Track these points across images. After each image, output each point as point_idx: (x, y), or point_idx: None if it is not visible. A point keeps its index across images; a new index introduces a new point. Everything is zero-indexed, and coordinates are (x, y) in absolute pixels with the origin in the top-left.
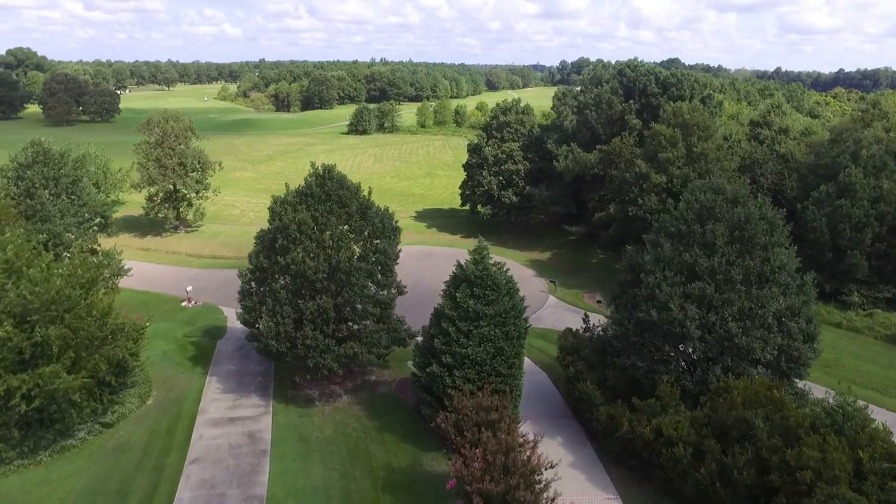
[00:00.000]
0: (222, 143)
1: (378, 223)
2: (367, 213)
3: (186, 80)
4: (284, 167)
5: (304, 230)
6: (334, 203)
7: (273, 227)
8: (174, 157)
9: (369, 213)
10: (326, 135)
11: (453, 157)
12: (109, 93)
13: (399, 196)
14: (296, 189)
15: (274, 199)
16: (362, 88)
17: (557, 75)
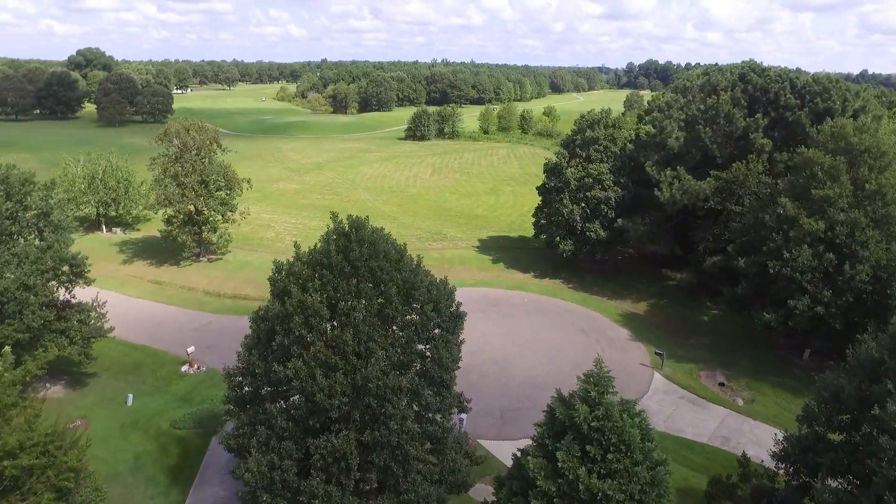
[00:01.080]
0: (270, 148)
1: (430, 310)
2: (415, 292)
3: (248, 79)
4: (333, 178)
5: (313, 324)
6: (363, 279)
7: (271, 313)
8: (194, 173)
9: (417, 293)
10: (382, 140)
11: (519, 170)
12: (162, 93)
13: (459, 218)
14: (308, 252)
15: (276, 267)
16: (422, 90)
17: (624, 78)
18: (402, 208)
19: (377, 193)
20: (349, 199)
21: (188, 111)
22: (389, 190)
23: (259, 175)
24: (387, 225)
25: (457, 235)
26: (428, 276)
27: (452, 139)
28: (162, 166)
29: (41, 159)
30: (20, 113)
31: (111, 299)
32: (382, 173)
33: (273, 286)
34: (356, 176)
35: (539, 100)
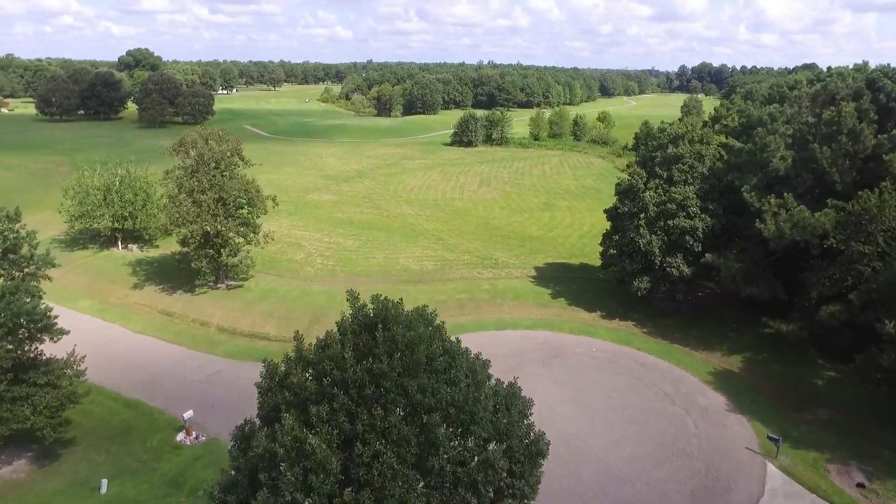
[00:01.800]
0: (310, 153)
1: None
2: (474, 427)
3: (293, 80)
4: (373, 188)
5: (314, 483)
6: (394, 405)
7: (254, 446)
8: (212, 190)
9: (479, 427)
10: (426, 146)
11: (574, 181)
12: (203, 94)
13: (511, 238)
14: (315, 347)
15: (266, 370)
16: (469, 93)
17: (675, 81)
18: (448, 226)
19: (420, 207)
20: (390, 213)
21: (230, 112)
22: (434, 203)
23: (294, 184)
24: (431, 246)
25: (509, 261)
26: (493, 389)
27: (501, 146)
28: (176, 181)
29: (73, 162)
30: (65, 113)
31: (112, 334)
32: (426, 184)
33: (260, 401)
34: (398, 186)
35: (589, 103)
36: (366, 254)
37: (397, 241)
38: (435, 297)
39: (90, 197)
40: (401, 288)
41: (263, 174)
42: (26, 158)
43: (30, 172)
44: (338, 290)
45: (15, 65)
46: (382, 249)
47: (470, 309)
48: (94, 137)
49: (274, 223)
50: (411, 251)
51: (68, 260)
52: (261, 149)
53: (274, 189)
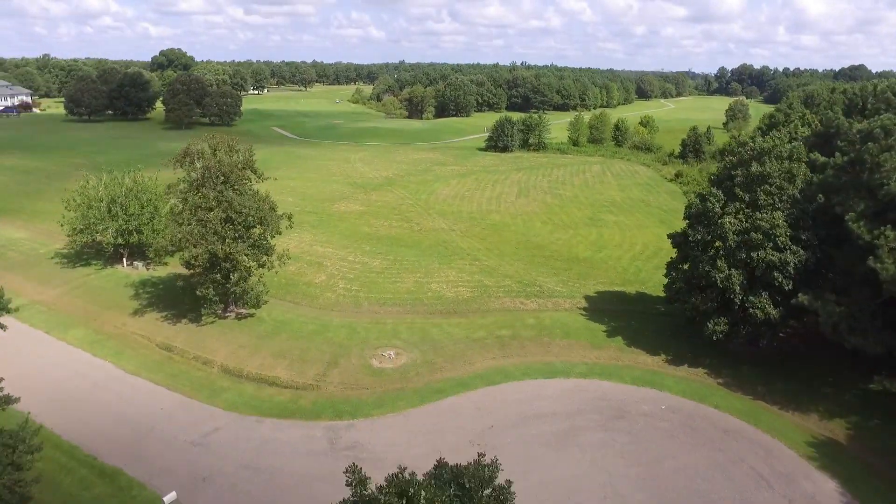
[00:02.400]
0: (338, 158)
1: None
2: None
3: (325, 80)
4: (404, 198)
5: None
6: None
7: None
8: (219, 207)
9: None
10: (460, 150)
11: (620, 192)
12: (231, 94)
13: (556, 260)
14: None
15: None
16: (503, 95)
17: (714, 83)
18: (485, 244)
19: (454, 220)
20: (421, 227)
21: (258, 113)
22: (469, 216)
23: (319, 192)
24: (467, 268)
25: (555, 289)
26: None
27: (538, 151)
28: (180, 196)
29: (94, 165)
30: (93, 114)
31: (100, 377)
32: (460, 193)
33: None
34: (430, 196)
35: (626, 106)
36: (394, 276)
37: (429, 262)
38: (473, 332)
39: (92, 210)
40: (432, 321)
41: (287, 181)
42: (48, 160)
43: (47, 175)
44: (361, 324)
45: (51, 65)
46: (413, 271)
47: (514, 349)
48: (119, 139)
49: (294, 238)
50: (445, 274)
51: (68, 278)
52: (286, 153)
53: (297, 198)
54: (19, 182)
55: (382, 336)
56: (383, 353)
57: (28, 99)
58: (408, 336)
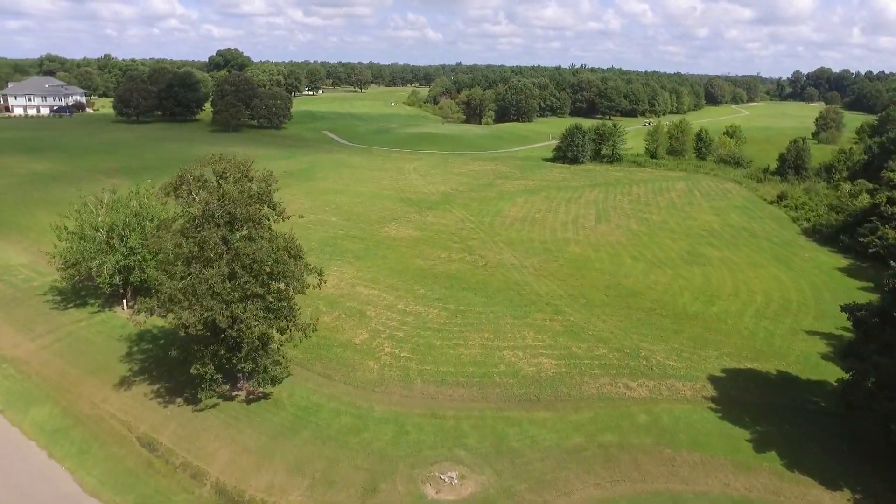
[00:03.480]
0: (391, 168)
1: None
2: None
3: (381, 82)
4: (464, 220)
5: None
6: None
7: None
8: (222, 260)
9: None
10: (524, 161)
11: (716, 217)
12: (280, 95)
13: (660, 315)
14: None
15: None
16: (567, 99)
17: (788, 88)
18: (567, 287)
19: (525, 253)
20: (487, 262)
21: (309, 115)
22: (542, 246)
23: (367, 211)
24: (548, 326)
25: (668, 363)
26: None
27: (612, 164)
28: (172, 242)
29: (128, 168)
30: (142, 114)
31: (46, 496)
32: (530, 214)
33: None
34: (495, 218)
35: (696, 112)
36: (455, 336)
37: (500, 313)
38: (566, 437)
39: (86, 243)
40: (509, 415)
41: (332, 196)
42: (80, 163)
43: (75, 180)
44: (412, 417)
45: (110, 65)
46: (479, 328)
47: (624, 467)
48: (161, 141)
49: (334, 273)
50: (521, 334)
51: (55, 324)
52: (334, 161)
53: (342, 218)
54: (42, 188)
55: (441, 440)
56: (441, 476)
57: (82, 99)
58: (476, 442)
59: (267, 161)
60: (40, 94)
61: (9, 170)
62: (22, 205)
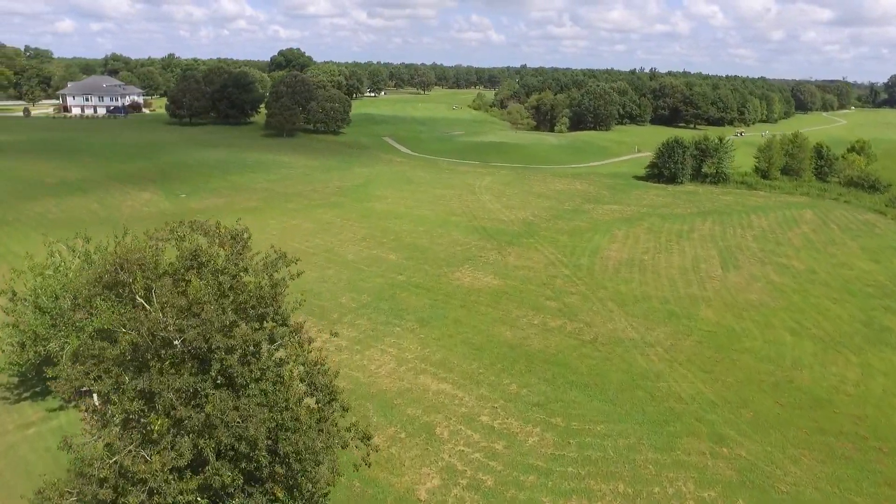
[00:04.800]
0: (459, 185)
1: None
2: None
3: (444, 83)
4: (555, 262)
5: None
6: None
7: None
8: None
9: None
10: (612, 179)
11: (876, 265)
12: (339, 98)
13: (875, 449)
14: None
15: None
16: (647, 105)
17: (883, 94)
18: (717, 386)
19: (644, 318)
20: (595, 332)
21: (369, 118)
22: (664, 309)
23: (435, 246)
24: (710, 470)
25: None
26: None
27: (717, 184)
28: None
29: (165, 181)
30: (194, 116)
31: None
32: (636, 256)
33: None
34: (593, 260)
35: (787, 121)
36: (574, 489)
37: (633, 441)
38: None
39: (39, 317)
40: None
41: (392, 221)
42: (105, 168)
43: (95, 187)
44: None
45: (173, 64)
46: (607, 472)
47: None
48: (206, 146)
49: (391, 349)
50: (674, 488)
51: None
52: (395, 174)
53: (403, 255)
54: (56, 200)
55: None
56: None
57: (139, 99)
58: None
59: (319, 174)
60: (97, 94)
61: (39, 179)
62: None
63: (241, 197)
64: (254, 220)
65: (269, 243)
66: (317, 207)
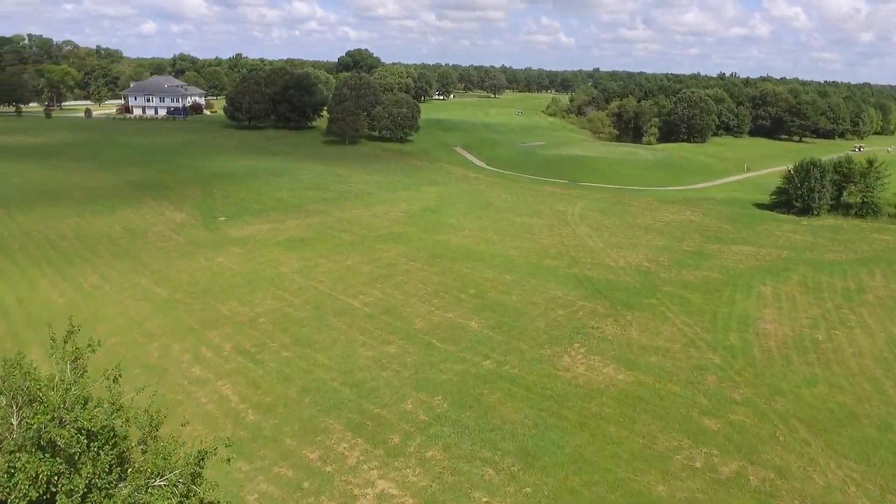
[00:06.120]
0: (547, 212)
1: None
2: None
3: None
4: (695, 338)
5: None
6: None
7: None
8: None
9: None
10: (730, 207)
11: None
12: (407, 102)
13: None
14: None
15: None
16: (746, 115)
17: None
18: None
19: (872, 469)
20: (800, 495)
21: (438, 125)
22: (890, 443)
23: (529, 309)
24: None
25: None
26: None
27: (863, 218)
28: None
29: (204, 203)
30: (253, 119)
31: None
32: (806, 333)
33: None
34: (747, 339)
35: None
36: None
37: None
38: None
39: None
40: None
41: (470, 263)
42: (157, 178)
43: (123, 206)
44: None
45: (240, 64)
46: None
47: None
48: (260, 154)
49: None
50: None
51: None
52: (471, 196)
53: (488, 318)
54: (76, 219)
55: None
56: None
57: (201, 100)
58: None
59: (383, 193)
60: (158, 95)
61: (64, 188)
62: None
63: (289, 222)
64: (299, 259)
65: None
66: (378, 240)
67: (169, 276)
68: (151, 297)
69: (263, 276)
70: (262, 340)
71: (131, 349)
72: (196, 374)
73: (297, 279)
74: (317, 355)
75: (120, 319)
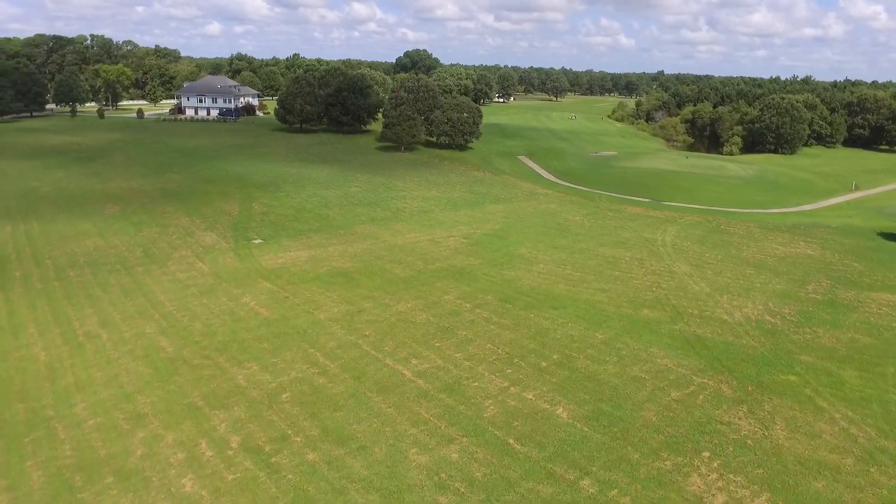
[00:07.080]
0: (636, 241)
1: None
2: None
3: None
4: (869, 450)
5: None
6: None
7: None
8: None
9: None
10: (848, 237)
11: None
12: (468, 107)
13: None
14: None
15: None
16: (841, 123)
17: None
18: None
19: None
20: None
21: (500, 130)
22: None
23: (633, 391)
24: None
25: None
26: None
27: None
28: None
29: (239, 221)
30: (305, 122)
31: None
32: None
33: None
34: None
35: None
36: None
37: None
38: None
39: None
40: None
41: (549, 315)
42: (188, 187)
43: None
44: None
45: (297, 64)
46: None
47: None
48: (305, 163)
49: None
50: None
51: None
52: (542, 217)
53: (579, 407)
54: (95, 237)
55: None
56: None
57: (254, 101)
58: None
59: (442, 213)
60: (211, 95)
61: (89, 195)
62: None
63: (333, 247)
64: (340, 300)
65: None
66: (435, 276)
67: (181, 322)
68: (154, 354)
69: (295, 326)
70: (282, 431)
71: (110, 440)
72: (185, 492)
73: (335, 331)
74: (352, 461)
75: (106, 391)
